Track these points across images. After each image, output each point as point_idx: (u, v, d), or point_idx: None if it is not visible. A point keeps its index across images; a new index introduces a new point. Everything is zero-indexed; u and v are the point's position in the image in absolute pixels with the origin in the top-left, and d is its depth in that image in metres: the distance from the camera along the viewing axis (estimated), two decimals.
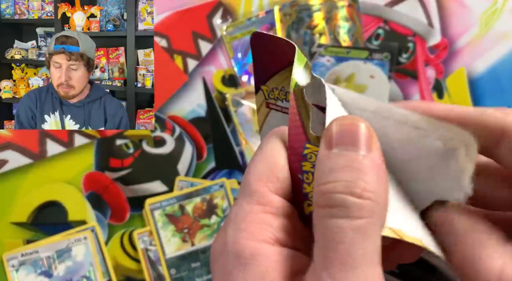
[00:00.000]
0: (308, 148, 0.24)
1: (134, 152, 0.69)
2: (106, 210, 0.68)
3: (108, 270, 0.66)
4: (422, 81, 0.72)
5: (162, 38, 0.71)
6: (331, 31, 0.71)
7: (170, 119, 0.70)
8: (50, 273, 0.65)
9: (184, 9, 0.71)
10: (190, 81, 0.71)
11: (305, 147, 0.24)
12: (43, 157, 0.68)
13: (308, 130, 0.24)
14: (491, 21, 0.72)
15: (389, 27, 0.72)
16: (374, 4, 0.72)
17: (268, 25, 0.71)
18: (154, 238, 0.67)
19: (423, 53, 0.72)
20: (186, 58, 0.71)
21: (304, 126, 0.24)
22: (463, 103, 0.71)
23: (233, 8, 0.72)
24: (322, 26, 0.71)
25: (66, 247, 0.66)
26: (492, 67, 0.71)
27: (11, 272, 0.64)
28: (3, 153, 0.68)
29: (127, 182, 0.68)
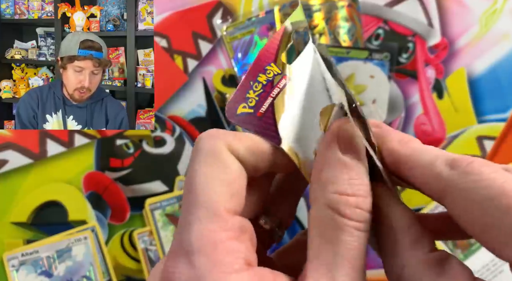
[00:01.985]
0: (272, 66, 0.28)
1: (134, 152, 0.69)
2: (106, 210, 0.68)
3: (108, 270, 0.66)
4: (422, 81, 0.72)
5: (162, 38, 0.71)
6: (331, 31, 0.71)
7: (170, 119, 0.70)
8: (50, 273, 0.65)
9: (184, 9, 0.71)
10: (190, 81, 0.71)
11: (270, 64, 0.28)
12: (43, 157, 0.68)
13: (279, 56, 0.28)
14: (491, 21, 0.72)
15: (389, 27, 0.72)
16: (374, 4, 0.72)
17: (268, 25, 0.71)
18: (154, 238, 0.67)
19: (423, 53, 0.72)
20: (186, 58, 0.71)
21: (278, 51, 0.28)
22: (463, 103, 0.71)
23: (233, 8, 0.72)
24: (322, 26, 0.71)
25: (66, 247, 0.66)
26: (492, 67, 0.71)
27: (11, 272, 0.64)
28: (3, 153, 0.68)
29: (127, 182, 0.68)
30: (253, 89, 0.28)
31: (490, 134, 0.70)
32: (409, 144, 0.25)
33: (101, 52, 0.69)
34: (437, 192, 0.23)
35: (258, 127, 0.28)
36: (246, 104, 0.28)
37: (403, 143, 0.25)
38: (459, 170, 0.22)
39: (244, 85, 0.28)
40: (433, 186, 0.23)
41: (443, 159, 0.23)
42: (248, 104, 0.28)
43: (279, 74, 0.28)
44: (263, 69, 0.28)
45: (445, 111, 0.71)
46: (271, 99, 0.28)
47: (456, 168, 0.22)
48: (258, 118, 0.28)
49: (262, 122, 0.28)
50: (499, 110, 0.71)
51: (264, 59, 0.28)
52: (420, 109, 0.71)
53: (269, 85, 0.28)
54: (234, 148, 0.25)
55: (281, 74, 0.28)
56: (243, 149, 0.26)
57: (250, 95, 0.28)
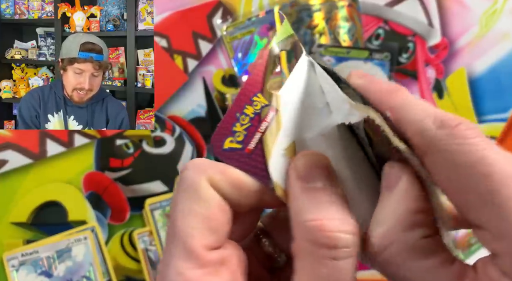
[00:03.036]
0: (258, 97, 0.26)
1: (134, 152, 0.69)
2: (106, 210, 0.68)
3: (108, 270, 0.66)
4: (422, 81, 0.72)
5: (162, 38, 0.71)
6: (331, 31, 0.71)
7: (170, 119, 0.70)
8: (50, 273, 0.65)
9: (184, 9, 0.71)
10: (190, 81, 0.71)
11: (256, 95, 0.26)
12: (43, 157, 0.68)
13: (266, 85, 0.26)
14: (491, 21, 0.72)
15: (389, 27, 0.72)
16: (374, 4, 0.72)
17: (268, 25, 0.71)
18: (154, 238, 0.67)
19: (423, 53, 0.72)
20: (186, 58, 0.71)
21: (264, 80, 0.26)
22: (463, 103, 0.71)
23: (233, 8, 0.72)
24: (322, 26, 0.71)
25: (66, 247, 0.66)
26: (492, 67, 0.71)
27: (11, 272, 0.64)
28: (3, 153, 0.68)
29: (127, 182, 0.68)
30: (240, 122, 0.26)
31: (490, 134, 0.70)
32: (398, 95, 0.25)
33: (101, 54, 0.69)
34: (421, 148, 0.23)
35: (247, 165, 0.26)
36: (233, 138, 0.26)
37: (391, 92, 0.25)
38: (445, 131, 0.22)
39: (231, 117, 0.26)
40: (417, 142, 0.23)
41: (432, 117, 0.23)
42: (236, 138, 0.26)
43: (267, 105, 0.26)
44: (250, 101, 0.26)
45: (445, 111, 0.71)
46: (259, 134, 0.26)
47: (443, 128, 0.22)
48: (247, 155, 0.26)
49: (251, 160, 0.26)
50: (499, 110, 0.71)
51: (250, 89, 0.26)
52: None
53: (256, 118, 0.26)
54: (216, 182, 0.25)
55: (269, 106, 0.26)
56: (226, 184, 0.25)
57: (237, 128, 0.26)
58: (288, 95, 0.27)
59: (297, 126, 0.27)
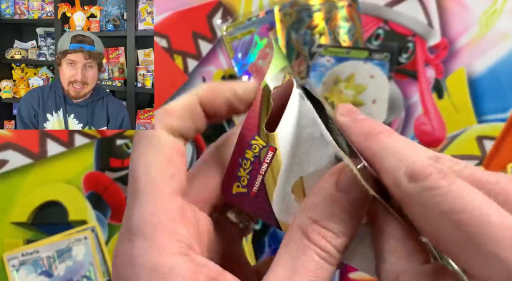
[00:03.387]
0: (256, 140, 0.26)
1: None
2: (107, 210, 0.68)
3: (108, 270, 0.66)
4: (422, 81, 0.72)
5: (162, 38, 0.71)
6: (331, 31, 0.71)
7: None
8: (51, 273, 0.65)
9: (184, 9, 0.71)
10: (190, 81, 0.71)
11: (254, 138, 0.27)
12: (43, 157, 0.68)
13: (262, 126, 0.26)
14: (491, 21, 0.72)
15: (389, 27, 0.72)
16: (374, 4, 0.72)
17: (268, 25, 0.71)
18: None
19: (423, 53, 0.72)
20: (186, 58, 0.71)
21: (260, 121, 0.27)
22: (463, 103, 0.71)
23: (233, 8, 0.72)
24: (322, 26, 0.71)
25: (66, 247, 0.66)
26: (492, 67, 0.71)
27: (12, 272, 0.64)
28: (3, 153, 0.68)
29: (127, 182, 0.68)
30: (243, 167, 0.27)
31: (490, 134, 0.70)
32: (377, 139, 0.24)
33: (93, 46, 0.69)
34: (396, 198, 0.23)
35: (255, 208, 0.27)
36: (239, 183, 0.27)
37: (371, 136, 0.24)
38: (416, 184, 0.22)
39: (235, 163, 0.27)
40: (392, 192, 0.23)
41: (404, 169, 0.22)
42: (241, 183, 0.27)
43: (265, 147, 0.26)
44: (249, 145, 0.27)
45: (445, 111, 0.71)
46: (261, 176, 0.27)
47: (414, 181, 0.22)
48: (253, 198, 0.27)
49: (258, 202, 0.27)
50: (499, 110, 0.71)
51: (247, 133, 0.27)
52: (420, 109, 0.71)
53: (256, 161, 0.27)
54: (166, 123, 0.26)
55: (267, 146, 0.26)
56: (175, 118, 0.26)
57: (241, 173, 0.27)
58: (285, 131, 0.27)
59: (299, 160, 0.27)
